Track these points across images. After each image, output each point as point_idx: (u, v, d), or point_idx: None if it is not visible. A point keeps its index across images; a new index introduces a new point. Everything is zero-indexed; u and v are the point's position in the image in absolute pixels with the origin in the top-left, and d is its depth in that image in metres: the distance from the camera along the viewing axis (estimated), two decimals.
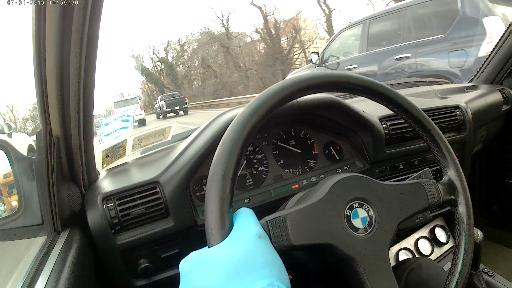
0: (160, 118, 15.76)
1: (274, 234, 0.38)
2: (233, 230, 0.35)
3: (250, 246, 0.33)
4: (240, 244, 0.33)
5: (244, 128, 0.38)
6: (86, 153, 0.66)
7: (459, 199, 0.49)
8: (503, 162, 1.36)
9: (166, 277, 0.67)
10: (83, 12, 0.47)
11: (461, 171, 0.50)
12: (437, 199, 0.48)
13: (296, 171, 0.80)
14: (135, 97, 17.16)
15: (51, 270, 0.49)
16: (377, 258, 0.41)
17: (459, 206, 0.49)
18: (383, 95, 0.48)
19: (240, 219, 0.36)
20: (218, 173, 0.36)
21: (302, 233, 0.39)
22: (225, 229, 0.35)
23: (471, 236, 0.47)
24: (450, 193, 0.49)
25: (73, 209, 0.63)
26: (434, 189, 0.48)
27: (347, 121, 0.81)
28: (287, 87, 0.42)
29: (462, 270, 0.45)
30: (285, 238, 0.38)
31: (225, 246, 0.33)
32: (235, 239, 0.34)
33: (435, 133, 0.50)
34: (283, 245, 0.38)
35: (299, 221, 0.39)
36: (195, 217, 0.67)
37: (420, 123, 0.50)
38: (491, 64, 1.31)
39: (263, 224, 0.38)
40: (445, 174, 0.51)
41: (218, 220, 0.35)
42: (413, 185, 0.48)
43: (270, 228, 0.38)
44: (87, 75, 0.55)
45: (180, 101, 15.15)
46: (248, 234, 0.34)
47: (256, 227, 0.35)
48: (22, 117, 16.58)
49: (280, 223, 0.39)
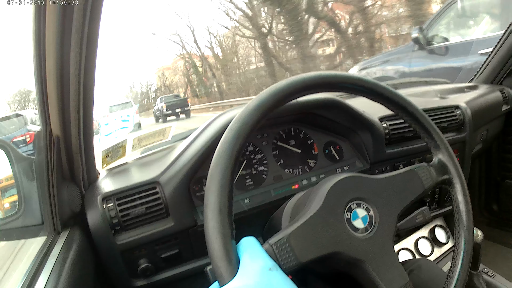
0: (159, 121, 14.71)
1: (281, 257, 0.37)
2: (242, 266, 0.34)
3: (263, 282, 0.32)
4: (253, 281, 0.32)
5: (230, 157, 0.38)
6: (86, 153, 0.66)
7: (453, 177, 0.49)
8: (503, 162, 1.36)
9: (166, 277, 0.67)
10: (83, 12, 0.47)
11: (450, 150, 0.51)
12: (431, 182, 0.48)
13: (296, 171, 0.80)
14: (130, 101, 16.41)
15: (51, 270, 0.49)
16: (383, 254, 0.42)
17: (454, 184, 0.49)
18: (364, 86, 0.48)
19: (246, 251, 0.35)
20: (213, 209, 0.36)
21: (307, 248, 0.39)
22: (232, 265, 0.34)
23: (469, 213, 0.48)
24: (443, 173, 0.50)
25: (73, 209, 0.63)
26: (427, 173, 0.48)
27: (347, 121, 0.81)
28: (264, 102, 0.41)
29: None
30: (292, 258, 0.38)
31: (238, 284, 0.32)
32: (246, 274, 0.33)
33: (419, 115, 0.50)
34: (292, 265, 0.37)
35: (302, 237, 0.39)
36: (195, 217, 0.67)
37: (403, 108, 0.50)
38: (491, 64, 1.31)
39: (267, 249, 0.37)
40: (434, 156, 0.51)
41: (224, 257, 0.34)
42: (406, 173, 0.48)
43: (276, 252, 0.38)
44: (87, 75, 0.55)
45: (181, 103, 14.05)
46: (258, 269, 0.33)
47: (264, 258, 0.35)
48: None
49: (284, 244, 0.38)
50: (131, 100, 17.96)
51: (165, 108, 13.52)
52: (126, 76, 48.19)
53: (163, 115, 13.65)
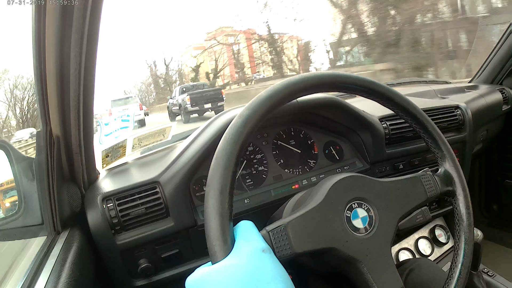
0: (175, 119, 10.66)
1: (276, 244, 0.38)
2: (236, 245, 0.35)
3: (254, 263, 0.33)
4: (244, 261, 0.33)
5: (236, 141, 0.38)
6: (86, 153, 0.66)
7: (457, 189, 0.49)
8: (503, 162, 1.36)
9: (166, 277, 0.67)
10: (83, 12, 0.47)
11: (456, 162, 0.50)
12: (435, 191, 0.48)
13: (296, 171, 0.80)
14: (134, 95, 14.29)
15: (51, 270, 0.49)
16: (380, 256, 0.41)
17: (457, 196, 0.49)
18: (375, 90, 0.48)
19: (241, 233, 0.36)
20: (214, 188, 0.36)
21: (304, 240, 0.39)
22: (227, 244, 0.34)
23: (470, 226, 0.47)
24: (447, 184, 0.49)
25: (73, 209, 0.63)
26: (431, 182, 0.48)
27: (347, 121, 0.81)
28: (276, 93, 0.41)
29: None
30: (287, 247, 0.38)
31: (230, 263, 0.33)
32: (239, 255, 0.34)
33: (429, 125, 0.50)
34: (286, 254, 0.38)
35: (300, 228, 0.39)
36: (195, 217, 0.67)
37: (414, 117, 0.50)
38: (491, 64, 1.31)
39: (264, 235, 0.38)
40: (440, 166, 0.51)
41: (220, 236, 0.34)
42: (410, 180, 0.48)
43: (272, 238, 0.38)
44: (87, 75, 0.55)
45: (214, 95, 9.79)
46: (251, 250, 0.34)
47: (259, 240, 0.35)
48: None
49: (281, 232, 0.38)
50: (133, 95, 15.09)
51: (189, 102, 9.51)
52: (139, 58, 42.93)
53: (186, 112, 9.66)
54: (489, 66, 1.32)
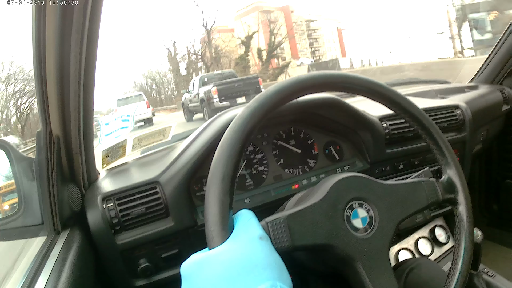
0: (192, 120, 8.86)
1: (274, 236, 0.38)
2: (234, 232, 0.35)
3: (251, 248, 0.33)
4: (241, 246, 0.33)
5: (242, 131, 0.38)
6: (86, 153, 0.66)
7: (459, 198, 0.49)
8: (503, 162, 1.36)
9: (166, 277, 0.67)
10: (83, 12, 0.47)
11: (460, 170, 0.50)
12: (437, 198, 0.48)
13: (296, 171, 0.80)
14: (141, 93, 12.78)
15: (51, 270, 0.49)
16: (377, 257, 0.41)
17: (459, 204, 0.49)
18: (383, 94, 0.48)
19: (240, 221, 0.36)
20: (217, 175, 0.36)
21: (302, 234, 0.39)
22: (225, 231, 0.35)
23: (471, 235, 0.47)
24: (450, 191, 0.49)
25: (73, 209, 0.63)
26: (434, 188, 0.48)
27: (347, 121, 0.81)
28: (285, 88, 0.42)
29: (462, 270, 0.45)
30: (285, 239, 0.38)
31: (226, 248, 0.33)
32: (236, 241, 0.34)
33: (434, 131, 0.50)
34: (284, 246, 0.38)
35: (299, 222, 0.39)
36: (195, 217, 0.67)
37: (419, 122, 0.50)
38: (491, 64, 1.31)
39: (263, 226, 0.38)
40: (444, 173, 0.51)
41: (219, 222, 0.35)
42: (412, 184, 0.48)
43: (270, 230, 0.38)
44: (87, 75, 0.55)
45: (247, 86, 7.36)
46: (249, 236, 0.34)
47: (257, 228, 0.36)
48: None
49: (280, 224, 0.39)
50: (142, 93, 13.87)
51: (215, 95, 7.19)
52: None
53: (212, 110, 7.11)
54: (489, 66, 1.32)
